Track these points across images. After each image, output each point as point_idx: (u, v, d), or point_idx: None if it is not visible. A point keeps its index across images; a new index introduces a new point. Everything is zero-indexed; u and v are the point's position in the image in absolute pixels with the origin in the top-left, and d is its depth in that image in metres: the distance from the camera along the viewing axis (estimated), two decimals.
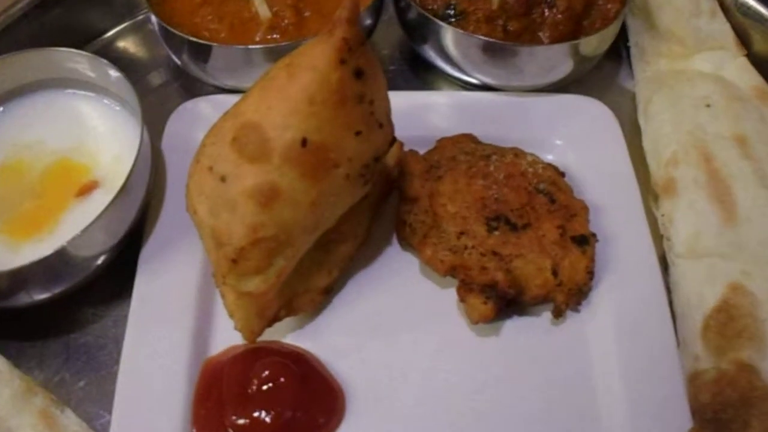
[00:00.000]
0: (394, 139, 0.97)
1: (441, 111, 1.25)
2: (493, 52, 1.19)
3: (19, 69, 1.14)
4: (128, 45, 1.47)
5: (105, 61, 1.11)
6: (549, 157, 1.18)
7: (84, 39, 1.44)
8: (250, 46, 1.16)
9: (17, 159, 1.11)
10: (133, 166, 1.01)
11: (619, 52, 1.43)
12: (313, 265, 1.01)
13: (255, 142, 0.84)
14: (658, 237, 1.14)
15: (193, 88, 1.36)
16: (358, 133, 0.87)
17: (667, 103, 1.25)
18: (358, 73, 0.85)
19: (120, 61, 1.38)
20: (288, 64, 0.86)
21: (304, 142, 0.83)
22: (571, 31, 1.22)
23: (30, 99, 1.17)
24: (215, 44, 1.17)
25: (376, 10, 1.27)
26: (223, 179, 0.86)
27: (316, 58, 0.83)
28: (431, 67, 1.33)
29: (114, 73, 1.10)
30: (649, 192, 1.20)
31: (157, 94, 1.37)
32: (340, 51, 0.83)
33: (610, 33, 1.25)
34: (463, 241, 1.02)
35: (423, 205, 1.06)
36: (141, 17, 1.49)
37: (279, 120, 0.83)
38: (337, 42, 0.83)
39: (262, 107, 0.85)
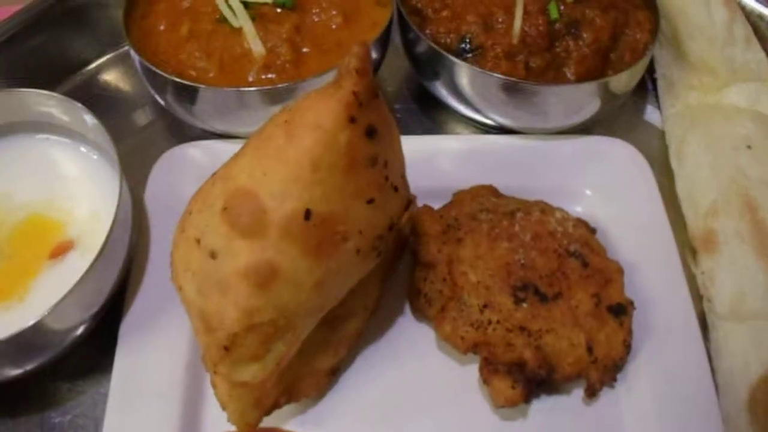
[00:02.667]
0: (409, 202, 0.86)
1: (455, 157, 1.15)
2: (514, 92, 1.09)
3: None
4: (111, 78, 1.38)
5: (79, 105, 1.01)
6: (577, 209, 1.10)
7: (64, 71, 1.36)
8: (243, 89, 1.05)
9: None
10: (112, 225, 0.92)
11: (644, 84, 1.35)
12: (317, 344, 0.91)
13: (249, 213, 0.74)
14: (696, 295, 1.06)
15: (182, 128, 1.25)
16: (370, 201, 0.77)
17: (704, 143, 1.17)
18: (370, 132, 0.75)
19: (102, 97, 1.33)
20: (287, 121, 0.75)
21: (307, 214, 0.73)
22: (598, 65, 1.12)
23: None
24: (202, 86, 1.06)
25: (383, 44, 1.17)
26: (212, 255, 0.76)
27: (320, 116, 0.73)
28: (443, 106, 1.24)
29: (90, 119, 1.01)
30: (686, 245, 1.11)
31: (142, 136, 1.28)
32: (349, 107, 0.72)
33: (640, 67, 1.15)
34: (487, 315, 0.92)
35: (441, 272, 0.97)
36: (126, 48, 1.37)
37: (277, 188, 0.73)
38: (346, 97, 0.72)
39: (256, 172, 0.75)
